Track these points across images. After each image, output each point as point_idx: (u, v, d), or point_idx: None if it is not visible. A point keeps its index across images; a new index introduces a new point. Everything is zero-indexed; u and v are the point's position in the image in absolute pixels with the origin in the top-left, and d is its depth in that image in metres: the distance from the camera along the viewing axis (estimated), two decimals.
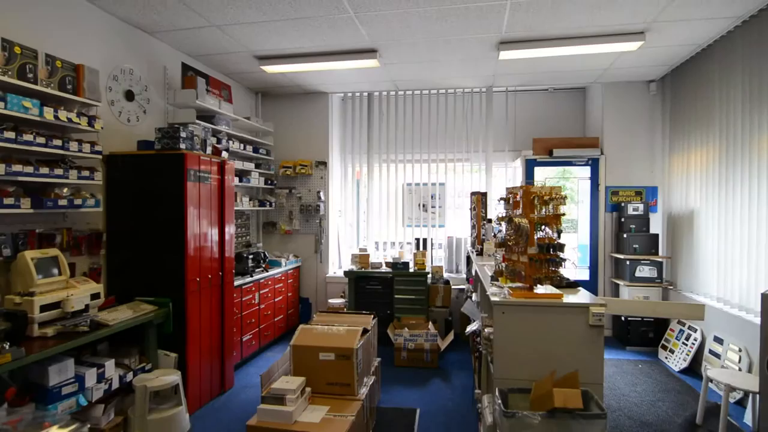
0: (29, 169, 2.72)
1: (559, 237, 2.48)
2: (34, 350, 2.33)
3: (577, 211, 5.67)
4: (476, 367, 3.72)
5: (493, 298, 2.44)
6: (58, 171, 2.90)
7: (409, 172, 6.11)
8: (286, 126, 6.14)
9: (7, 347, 2.21)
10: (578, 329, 2.35)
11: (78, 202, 3.07)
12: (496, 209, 5.33)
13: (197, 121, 4.28)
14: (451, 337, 4.79)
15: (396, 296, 5.20)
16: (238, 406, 3.68)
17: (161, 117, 4.25)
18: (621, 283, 5.14)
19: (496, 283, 2.77)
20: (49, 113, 2.78)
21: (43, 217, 3.03)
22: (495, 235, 4.48)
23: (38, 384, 2.49)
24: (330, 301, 5.54)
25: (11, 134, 2.58)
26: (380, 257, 5.73)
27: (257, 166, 5.59)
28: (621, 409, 3.54)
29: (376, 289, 5.31)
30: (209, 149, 4.02)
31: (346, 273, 5.38)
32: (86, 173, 3.12)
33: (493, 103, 5.90)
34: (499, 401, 2.14)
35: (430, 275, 5.31)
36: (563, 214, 2.53)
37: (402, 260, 5.36)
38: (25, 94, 2.68)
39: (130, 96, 3.84)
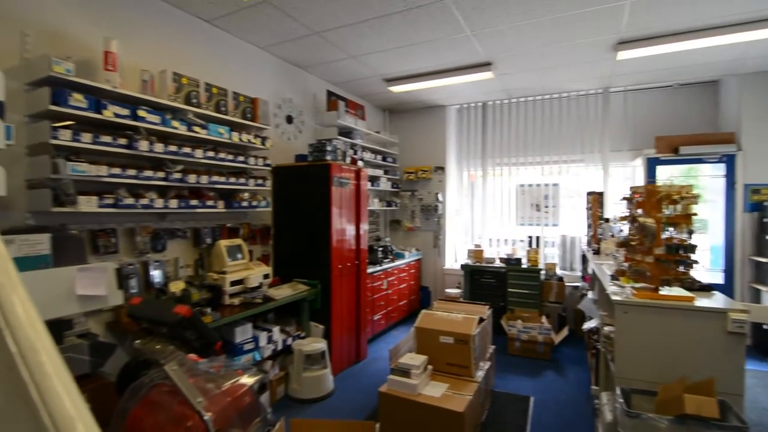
0: (222, 179, 3.19)
1: (690, 237, 2.11)
2: (225, 315, 2.74)
3: (706, 211, 4.76)
4: (593, 363, 3.36)
5: (614, 297, 2.17)
6: (242, 180, 3.36)
7: (522, 173, 5.77)
8: (409, 137, 6.27)
9: (209, 311, 2.63)
10: (713, 335, 1.97)
11: (255, 203, 3.52)
12: (614, 209, 4.76)
13: (338, 137, 4.59)
14: (565, 332, 4.40)
15: (509, 290, 4.95)
16: (370, 373, 3.85)
17: (312, 135, 4.66)
18: (764, 288, 4.18)
19: (616, 282, 2.46)
20: (235, 136, 3.23)
21: (231, 215, 3.54)
22: (613, 235, 4.01)
23: (227, 341, 2.92)
24: (447, 290, 5.51)
25: (212, 153, 3.07)
26: (493, 253, 5.51)
27: (385, 172, 5.80)
28: (764, 424, 2.89)
29: (489, 282, 5.13)
30: (348, 159, 4.28)
31: (462, 266, 5.29)
32: (260, 181, 3.56)
33: (610, 103, 5.27)
34: (621, 400, 1.90)
35: (543, 272, 4.95)
36: (695, 214, 2.15)
37: (515, 256, 5.09)
38: (220, 123, 3.15)
39: (289, 120, 4.29)
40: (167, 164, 2.81)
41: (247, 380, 0.99)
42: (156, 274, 2.85)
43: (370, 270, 4.50)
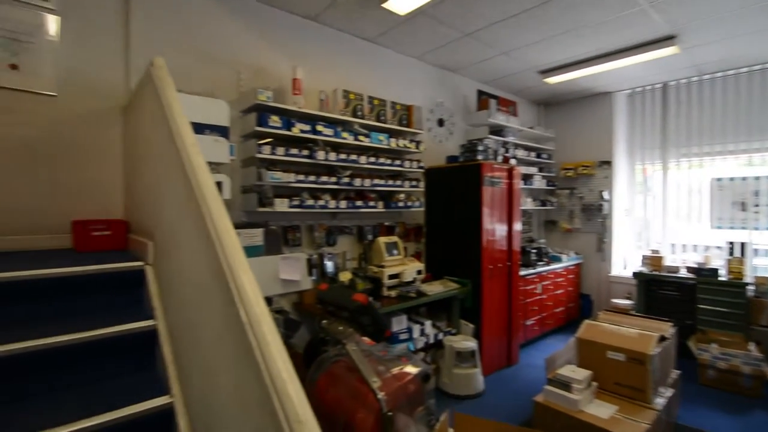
0: (382, 182, 3.44)
1: None
2: (384, 305, 2.94)
3: None
4: None
5: None
6: (398, 182, 3.56)
7: (718, 165, 4.61)
8: (566, 130, 5.68)
9: (371, 300, 2.87)
10: None
11: (409, 203, 3.69)
12: None
13: (489, 136, 4.46)
14: None
15: (700, 306, 4.01)
16: (522, 380, 3.63)
17: (462, 135, 4.64)
18: None
19: None
20: (393, 142, 3.45)
21: (388, 215, 3.79)
22: None
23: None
24: (614, 300, 4.79)
25: (373, 159, 3.34)
26: (677, 261, 4.55)
27: (539, 169, 5.38)
28: None
29: (671, 295, 4.26)
30: (500, 158, 4.12)
31: (634, 274, 4.51)
32: (414, 183, 3.72)
33: None
34: None
35: (751, 287, 3.86)
36: None
37: (708, 266, 4.11)
38: (380, 131, 3.40)
39: (441, 123, 4.36)
40: (338, 170, 3.17)
41: (412, 369, 1.05)
42: (329, 265, 3.24)
43: (522, 272, 4.23)
